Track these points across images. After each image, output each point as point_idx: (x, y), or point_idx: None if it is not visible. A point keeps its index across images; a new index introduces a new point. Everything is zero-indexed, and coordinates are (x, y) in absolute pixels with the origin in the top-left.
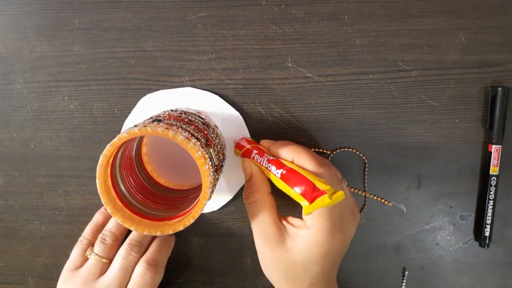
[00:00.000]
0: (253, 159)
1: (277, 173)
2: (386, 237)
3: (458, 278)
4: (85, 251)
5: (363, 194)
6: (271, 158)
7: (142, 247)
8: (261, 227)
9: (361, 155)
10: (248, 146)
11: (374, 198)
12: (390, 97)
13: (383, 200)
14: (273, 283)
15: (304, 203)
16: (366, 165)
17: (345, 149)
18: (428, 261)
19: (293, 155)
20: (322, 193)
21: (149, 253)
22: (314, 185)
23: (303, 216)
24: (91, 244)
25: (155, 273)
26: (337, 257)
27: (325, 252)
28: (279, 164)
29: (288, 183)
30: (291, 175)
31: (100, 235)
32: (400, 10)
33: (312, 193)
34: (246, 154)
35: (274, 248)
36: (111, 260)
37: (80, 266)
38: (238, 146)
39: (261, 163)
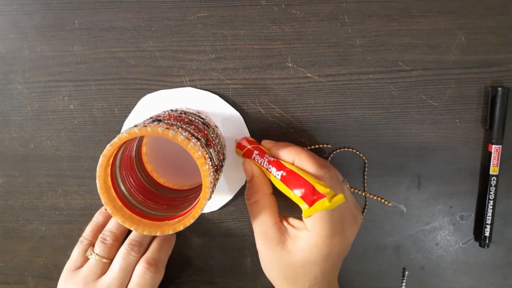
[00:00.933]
0: (254, 160)
1: (277, 174)
2: (386, 237)
3: (458, 278)
4: (85, 251)
5: (363, 194)
6: (272, 159)
7: (142, 247)
8: (262, 228)
9: (361, 155)
10: (249, 147)
11: (374, 198)
12: (390, 97)
13: (383, 200)
14: (273, 284)
15: (303, 206)
16: (366, 165)
17: (345, 149)
18: (428, 261)
19: (294, 156)
20: (321, 196)
21: (149, 253)
22: (314, 188)
23: (303, 218)
24: (92, 244)
25: (156, 272)
26: (337, 260)
27: (325, 254)
28: (280, 166)
29: (288, 185)
30: (291, 177)
31: (101, 235)
32: (400, 10)
33: (312, 196)
34: (247, 155)
35: (274, 248)
36: (111, 260)
37: (81, 266)
38: (239, 146)
39: (262, 164)
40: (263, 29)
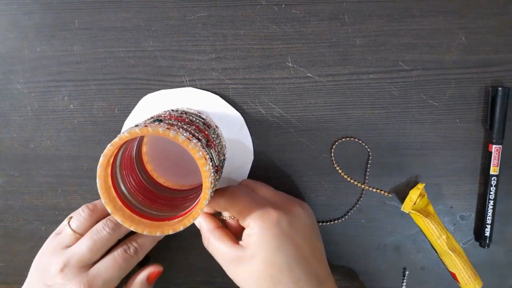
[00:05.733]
0: None
1: None
2: (386, 237)
3: None
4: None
5: (362, 186)
6: None
7: (119, 228)
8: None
9: (364, 145)
10: None
11: (374, 190)
12: (390, 97)
13: (383, 192)
14: None
15: None
16: (370, 155)
17: (350, 138)
18: (428, 261)
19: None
20: None
21: (132, 237)
22: None
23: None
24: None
25: (133, 257)
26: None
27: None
28: None
29: None
30: None
31: (79, 209)
32: (400, 10)
33: None
34: None
35: (239, 264)
36: (82, 235)
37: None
38: None
39: None
40: (263, 29)
